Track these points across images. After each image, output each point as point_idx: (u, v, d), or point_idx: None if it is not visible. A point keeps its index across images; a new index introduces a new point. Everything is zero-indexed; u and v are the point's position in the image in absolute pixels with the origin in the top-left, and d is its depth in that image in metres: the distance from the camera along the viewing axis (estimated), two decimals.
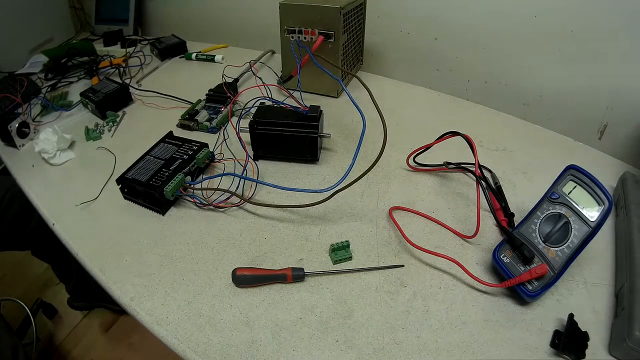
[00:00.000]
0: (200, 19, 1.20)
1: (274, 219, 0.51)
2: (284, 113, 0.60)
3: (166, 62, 1.04)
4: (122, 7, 1.25)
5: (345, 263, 0.45)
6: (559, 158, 0.59)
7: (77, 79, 0.95)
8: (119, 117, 0.76)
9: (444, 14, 0.78)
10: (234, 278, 0.42)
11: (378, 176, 0.58)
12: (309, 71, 0.71)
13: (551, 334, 0.37)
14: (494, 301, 0.41)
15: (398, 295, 0.41)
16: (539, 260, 0.40)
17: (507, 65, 0.75)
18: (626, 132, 0.63)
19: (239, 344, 0.37)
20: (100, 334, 1.15)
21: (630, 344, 0.33)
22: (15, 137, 0.68)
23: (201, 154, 0.57)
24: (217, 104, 0.77)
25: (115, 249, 0.48)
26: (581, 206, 0.40)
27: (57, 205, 0.55)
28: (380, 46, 0.91)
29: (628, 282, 0.39)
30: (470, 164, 0.57)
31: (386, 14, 0.85)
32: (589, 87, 0.66)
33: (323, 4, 0.68)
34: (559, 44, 0.66)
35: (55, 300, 1.22)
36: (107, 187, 0.57)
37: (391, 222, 0.50)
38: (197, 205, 0.53)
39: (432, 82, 0.86)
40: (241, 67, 0.90)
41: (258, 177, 0.57)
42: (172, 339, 0.38)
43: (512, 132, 0.68)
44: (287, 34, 0.71)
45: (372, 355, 0.36)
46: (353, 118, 0.72)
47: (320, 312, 0.40)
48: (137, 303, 0.41)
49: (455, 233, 0.48)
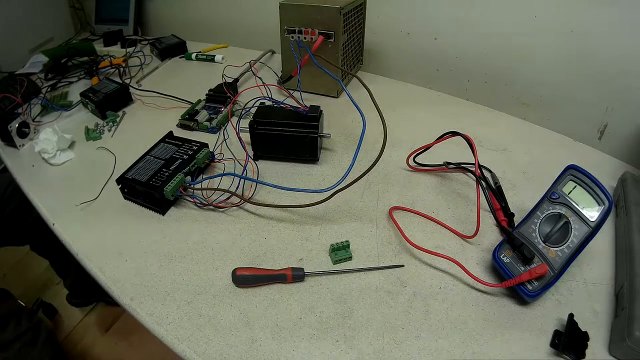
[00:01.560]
0: (200, 18, 1.20)
1: (274, 219, 0.51)
2: (284, 113, 0.60)
3: (166, 62, 1.04)
4: (122, 7, 1.25)
5: (345, 263, 0.45)
6: (559, 158, 0.59)
7: (77, 79, 0.95)
8: (119, 117, 0.76)
9: (444, 14, 0.78)
10: (234, 278, 0.42)
11: (378, 176, 0.58)
12: (309, 71, 0.71)
13: (551, 334, 0.37)
14: (494, 301, 0.41)
15: (398, 295, 0.41)
16: (539, 260, 0.40)
17: (507, 65, 0.75)
18: (626, 132, 0.63)
19: (239, 344, 0.37)
20: (100, 334, 1.15)
21: (630, 344, 0.33)
22: (15, 137, 0.68)
23: (201, 154, 0.57)
24: (217, 104, 0.77)
25: (115, 249, 0.48)
26: (581, 206, 0.40)
27: (57, 205, 0.55)
28: (380, 46, 0.91)
29: (628, 282, 0.39)
30: (470, 164, 0.57)
31: (386, 14, 0.85)
32: (589, 87, 0.66)
33: (323, 4, 0.68)
34: (559, 44, 0.66)
35: (55, 300, 1.22)
36: (107, 187, 0.57)
37: (391, 222, 0.50)
38: (197, 205, 0.53)
39: (432, 82, 0.86)
40: (241, 67, 0.90)
41: (258, 177, 0.58)
42: (172, 339, 0.38)
43: (512, 132, 0.68)
44: (287, 34, 0.71)
45: (372, 355, 0.36)
46: (353, 118, 0.72)
47: (320, 312, 0.40)
48: (137, 303, 0.41)
49: (455, 233, 0.48)
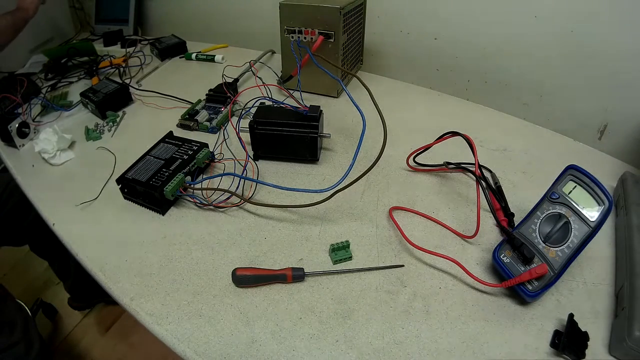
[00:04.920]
0: (200, 19, 1.20)
1: (274, 219, 0.51)
2: (284, 113, 0.60)
3: (166, 62, 1.04)
4: (122, 7, 1.25)
5: (345, 263, 0.45)
6: (559, 158, 0.59)
7: (77, 79, 0.95)
8: (119, 117, 0.76)
9: (444, 14, 0.78)
10: (234, 278, 0.42)
11: (378, 176, 0.58)
12: (309, 71, 0.71)
13: (551, 334, 0.37)
14: (494, 301, 0.41)
15: (398, 295, 0.41)
16: (539, 260, 0.40)
17: (507, 65, 0.75)
18: (626, 132, 0.63)
19: (239, 344, 0.37)
20: (100, 334, 1.15)
21: (630, 344, 0.33)
22: (15, 137, 0.68)
23: (201, 154, 0.57)
24: (217, 104, 0.77)
25: (115, 249, 0.48)
26: (581, 206, 0.40)
27: (57, 205, 0.55)
28: (380, 46, 0.91)
29: (628, 282, 0.39)
30: (470, 164, 0.57)
31: (386, 14, 0.85)
32: (589, 87, 0.66)
33: (323, 4, 0.68)
34: (559, 44, 0.66)
35: (55, 300, 1.22)
36: (107, 187, 0.57)
37: (391, 222, 0.50)
38: (197, 205, 0.54)
39: (432, 82, 0.86)
40: (241, 67, 0.90)
41: (258, 177, 0.57)
42: (172, 339, 0.38)
43: (512, 132, 0.68)
44: (287, 34, 0.71)
45: (372, 355, 0.36)
46: (353, 118, 0.72)
47: (320, 312, 0.40)
48: (137, 303, 0.41)
49: (455, 233, 0.48)
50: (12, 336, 0.74)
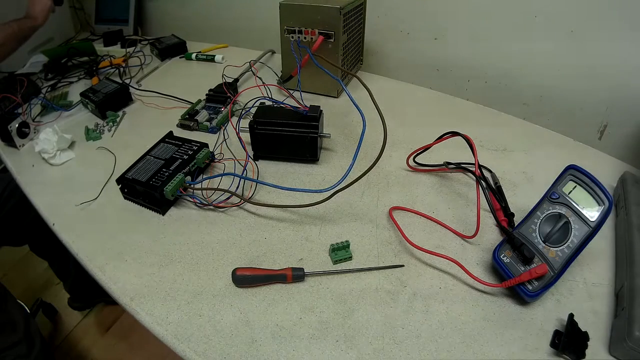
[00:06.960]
0: (200, 19, 1.20)
1: (274, 219, 0.51)
2: (284, 113, 0.60)
3: (166, 62, 1.04)
4: (122, 7, 1.25)
5: (345, 263, 0.45)
6: (559, 158, 0.59)
7: (77, 79, 0.95)
8: (119, 117, 0.76)
9: (443, 14, 0.78)
10: (234, 278, 0.42)
11: (378, 176, 0.58)
12: (309, 71, 0.71)
13: (551, 334, 0.37)
14: (494, 301, 0.41)
15: (398, 295, 0.41)
16: (539, 260, 0.40)
17: (507, 65, 0.75)
18: (626, 132, 0.63)
19: (239, 344, 0.37)
20: (100, 334, 1.15)
21: (630, 344, 0.33)
22: (15, 137, 0.68)
23: (201, 154, 0.57)
24: (217, 104, 0.77)
25: (115, 248, 0.48)
26: (581, 206, 0.40)
27: (57, 205, 0.55)
28: (380, 46, 0.91)
29: (628, 282, 0.39)
30: (470, 164, 0.57)
31: (386, 14, 0.85)
32: (589, 87, 0.66)
33: (323, 4, 0.68)
34: (559, 44, 0.66)
35: (55, 300, 1.22)
36: (107, 187, 0.57)
37: (391, 222, 0.50)
38: (197, 205, 0.53)
39: (432, 82, 0.86)
40: (241, 67, 0.90)
41: (258, 177, 0.58)
42: (172, 339, 0.38)
43: (512, 132, 0.68)
44: (287, 34, 0.71)
45: (372, 355, 0.36)
46: (353, 118, 0.72)
47: (320, 312, 0.40)
48: (137, 303, 0.41)
49: (455, 233, 0.48)
50: (13, 335, 0.74)
